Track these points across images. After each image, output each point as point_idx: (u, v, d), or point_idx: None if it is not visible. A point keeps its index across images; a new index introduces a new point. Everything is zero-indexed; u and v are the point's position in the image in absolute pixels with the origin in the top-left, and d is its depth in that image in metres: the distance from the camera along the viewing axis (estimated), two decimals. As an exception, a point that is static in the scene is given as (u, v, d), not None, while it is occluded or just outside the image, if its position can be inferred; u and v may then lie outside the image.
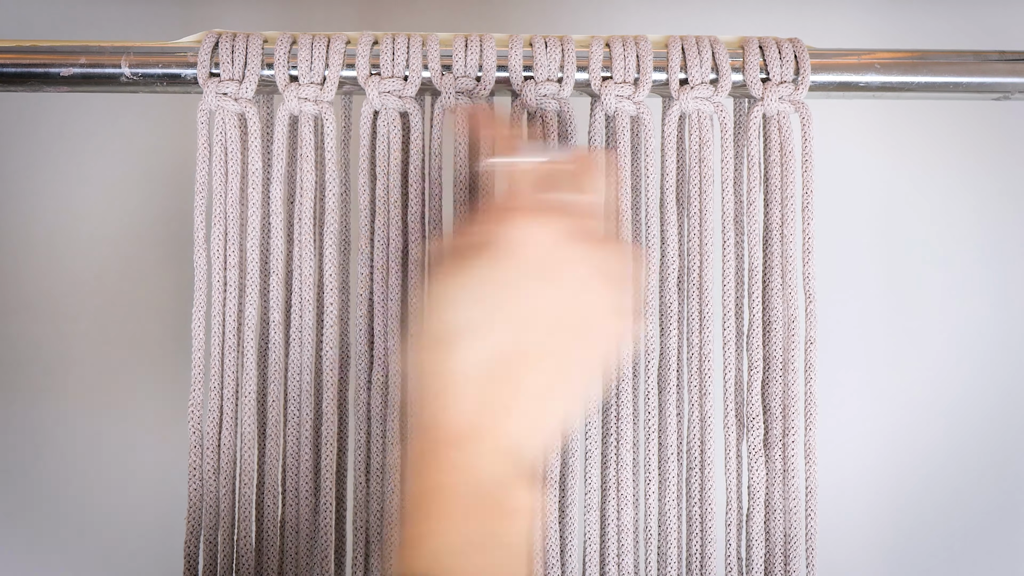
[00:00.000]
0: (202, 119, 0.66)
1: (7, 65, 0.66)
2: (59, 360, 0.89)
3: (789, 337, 0.67)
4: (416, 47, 0.66)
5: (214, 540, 0.66)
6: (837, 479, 0.89)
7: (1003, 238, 0.91)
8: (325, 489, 0.66)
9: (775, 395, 0.67)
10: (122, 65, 0.66)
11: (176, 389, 0.87)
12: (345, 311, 0.69)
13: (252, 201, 0.66)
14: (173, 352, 0.88)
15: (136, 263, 0.89)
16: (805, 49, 0.67)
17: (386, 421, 0.66)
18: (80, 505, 0.89)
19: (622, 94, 0.66)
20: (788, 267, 0.67)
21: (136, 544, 0.89)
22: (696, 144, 0.67)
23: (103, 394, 0.89)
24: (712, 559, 0.68)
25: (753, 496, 0.67)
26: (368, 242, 0.66)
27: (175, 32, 0.83)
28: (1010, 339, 0.91)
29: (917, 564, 0.91)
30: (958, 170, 0.91)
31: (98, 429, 0.89)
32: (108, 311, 0.89)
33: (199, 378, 0.65)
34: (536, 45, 0.66)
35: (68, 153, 0.89)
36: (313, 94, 0.65)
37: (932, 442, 0.91)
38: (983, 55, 0.68)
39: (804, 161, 0.68)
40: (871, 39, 0.89)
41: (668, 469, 0.67)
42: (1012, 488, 0.91)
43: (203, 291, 0.66)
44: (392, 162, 0.66)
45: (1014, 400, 0.91)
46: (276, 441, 0.66)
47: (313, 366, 0.66)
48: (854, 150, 0.91)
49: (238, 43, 0.66)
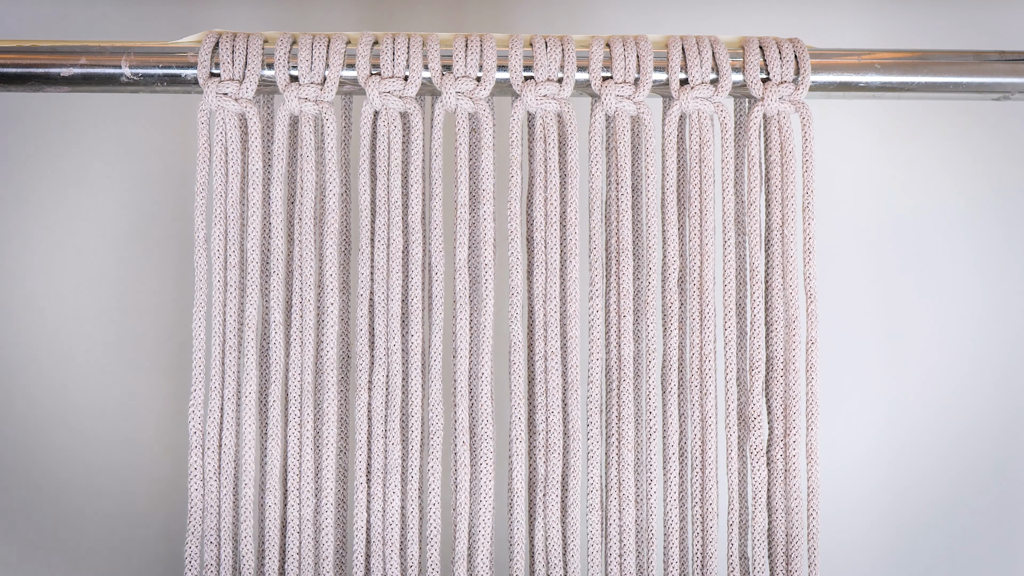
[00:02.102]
0: (202, 119, 0.66)
1: (7, 65, 0.66)
2: (59, 360, 0.89)
3: (790, 337, 0.67)
4: (416, 47, 0.66)
5: (215, 540, 0.66)
6: (838, 479, 0.89)
7: (1003, 238, 0.91)
8: (326, 489, 0.66)
9: (776, 395, 0.67)
10: (122, 65, 0.66)
11: (176, 389, 0.87)
12: (345, 311, 0.69)
13: (252, 201, 0.66)
14: (173, 352, 0.88)
15: (136, 263, 0.89)
16: (805, 49, 0.67)
17: (386, 421, 0.66)
18: (80, 505, 0.89)
19: (622, 94, 0.66)
20: (789, 267, 0.67)
21: (136, 544, 0.89)
22: (696, 144, 0.67)
23: (103, 394, 0.89)
24: (713, 559, 0.68)
25: (755, 496, 0.67)
26: (368, 242, 0.66)
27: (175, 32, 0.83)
28: (1010, 339, 0.91)
29: (917, 564, 0.91)
30: (958, 170, 0.91)
31: (98, 429, 0.89)
32: (108, 311, 0.89)
33: (199, 378, 0.65)
34: (536, 45, 0.66)
35: (68, 153, 0.89)
36: (313, 94, 0.65)
37: (932, 442, 0.91)
38: (983, 55, 0.68)
39: (804, 161, 0.68)
40: (871, 39, 0.89)
41: (670, 469, 0.67)
42: (1012, 488, 0.91)
43: (203, 291, 0.66)
44: (392, 162, 0.66)
45: (1014, 400, 0.91)
46: (276, 441, 0.66)
47: (313, 366, 0.66)
48: (854, 150, 0.91)
49: (238, 43, 0.66)
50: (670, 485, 0.67)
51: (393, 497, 0.66)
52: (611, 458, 0.67)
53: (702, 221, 0.67)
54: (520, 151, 0.66)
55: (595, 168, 0.67)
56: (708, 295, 0.67)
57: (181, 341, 0.85)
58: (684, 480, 0.68)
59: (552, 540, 0.66)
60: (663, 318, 0.68)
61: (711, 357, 0.67)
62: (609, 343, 0.67)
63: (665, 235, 0.67)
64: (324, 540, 0.66)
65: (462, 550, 0.66)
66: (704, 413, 0.67)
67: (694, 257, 0.67)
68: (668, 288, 0.67)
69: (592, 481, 0.67)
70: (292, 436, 0.66)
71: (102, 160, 0.89)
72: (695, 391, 0.67)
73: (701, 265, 0.67)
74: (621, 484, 0.67)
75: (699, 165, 0.67)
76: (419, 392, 0.66)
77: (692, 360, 0.68)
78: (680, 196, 0.69)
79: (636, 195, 0.69)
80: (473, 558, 0.66)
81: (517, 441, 0.66)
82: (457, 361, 0.66)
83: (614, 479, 0.67)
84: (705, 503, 0.67)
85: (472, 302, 0.67)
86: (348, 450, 0.68)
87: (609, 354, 0.68)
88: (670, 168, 0.67)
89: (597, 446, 0.67)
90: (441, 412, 0.66)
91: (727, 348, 0.67)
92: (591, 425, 0.67)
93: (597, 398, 0.67)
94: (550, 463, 0.66)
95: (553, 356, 0.66)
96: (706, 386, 0.67)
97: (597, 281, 0.67)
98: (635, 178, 0.69)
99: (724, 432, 0.67)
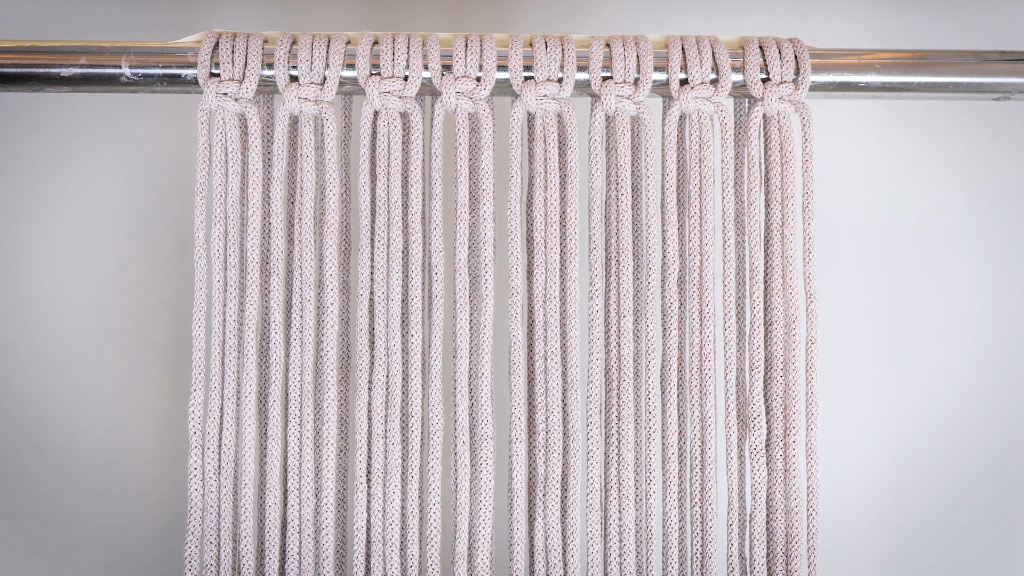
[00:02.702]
0: (202, 119, 0.66)
1: (7, 65, 0.66)
2: (59, 360, 0.89)
3: (790, 337, 0.67)
4: (416, 47, 0.66)
5: (215, 540, 0.66)
6: (838, 479, 0.89)
7: (1003, 238, 0.91)
8: (326, 489, 0.66)
9: (776, 395, 0.67)
10: (122, 65, 0.66)
11: (176, 389, 0.87)
12: (345, 311, 0.69)
13: (252, 201, 0.66)
14: (173, 352, 0.88)
15: (136, 263, 0.89)
16: (805, 49, 0.67)
17: (387, 421, 0.66)
18: (80, 505, 0.89)
19: (622, 94, 0.66)
20: (789, 267, 0.67)
21: (137, 544, 0.89)
22: (696, 144, 0.67)
23: (103, 394, 0.89)
24: (713, 558, 0.68)
25: (755, 496, 0.67)
26: (368, 242, 0.66)
27: (175, 32, 0.83)
28: (1010, 339, 0.91)
29: (917, 564, 0.91)
30: (958, 170, 0.91)
31: (99, 429, 0.89)
32: (108, 311, 0.89)
33: (199, 378, 0.65)
34: (536, 45, 0.66)
35: (68, 153, 0.89)
36: (313, 94, 0.65)
37: (932, 442, 0.91)
38: (983, 55, 0.68)
39: (804, 161, 0.68)
40: (871, 39, 0.89)
41: (669, 469, 0.67)
42: (1012, 488, 0.91)
43: (203, 291, 0.66)
44: (392, 162, 0.66)
45: (1014, 400, 0.91)
46: (276, 441, 0.66)
47: (313, 366, 0.66)
48: (854, 150, 0.91)
49: (238, 43, 0.66)
50: (669, 485, 0.67)
51: (393, 497, 0.66)
52: (611, 458, 0.67)
53: (702, 221, 0.67)
54: (520, 151, 0.66)
55: (595, 168, 0.67)
56: (708, 295, 0.67)
57: (180, 341, 0.85)
58: (683, 480, 0.68)
59: (552, 540, 0.66)
60: (663, 318, 0.68)
61: (711, 357, 0.67)
62: (609, 343, 0.68)
63: (665, 235, 0.67)
64: (324, 540, 0.66)
65: (462, 550, 0.66)
66: (704, 413, 0.67)
67: (694, 257, 0.67)
68: (668, 288, 0.68)
69: (592, 481, 0.67)
70: (292, 436, 0.66)
71: (102, 160, 0.89)
72: (695, 391, 0.67)
73: (701, 265, 0.67)
74: (621, 484, 0.67)
75: (699, 165, 0.67)
76: (419, 392, 0.66)
77: (692, 360, 0.68)
78: (680, 196, 0.69)
79: (636, 195, 0.69)
80: (473, 558, 0.66)
81: (517, 441, 0.66)
82: (457, 361, 0.66)
83: (614, 479, 0.67)
84: (704, 503, 0.67)
85: (472, 302, 0.67)
86: (348, 450, 0.69)
87: (609, 354, 0.68)
88: (670, 168, 0.67)
89: (597, 446, 0.67)
90: (441, 412, 0.66)
91: (727, 348, 0.67)
92: (591, 425, 0.67)
93: (597, 398, 0.67)
94: (550, 463, 0.66)
95: (553, 356, 0.66)
96: (706, 386, 0.67)
97: (597, 281, 0.67)
98: (635, 178, 0.69)
99: (724, 432, 0.68)
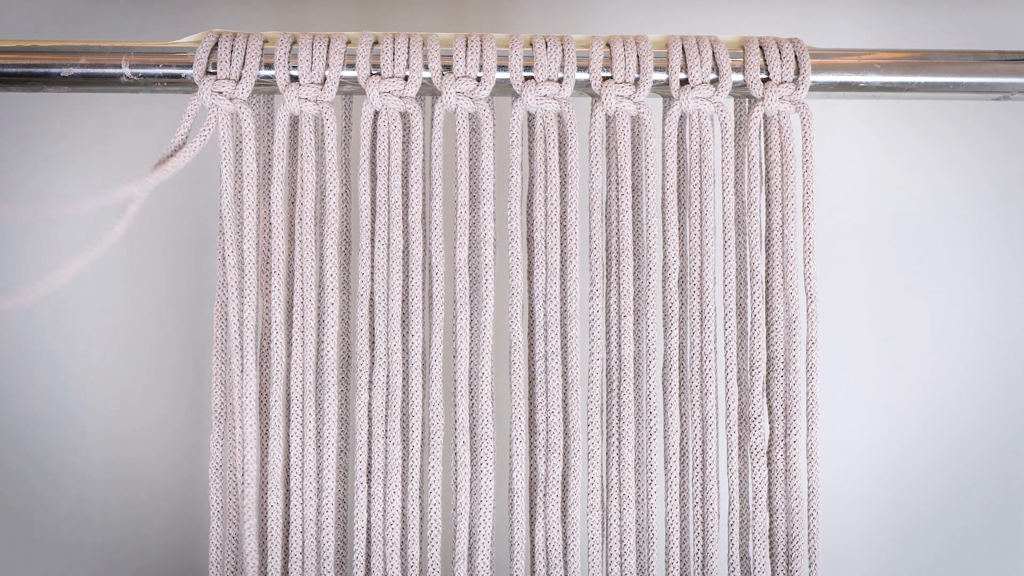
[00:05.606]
0: (189, 112, 0.65)
1: (7, 65, 0.66)
2: (60, 360, 0.89)
3: (790, 337, 0.67)
4: (416, 47, 0.66)
5: (219, 541, 0.66)
6: (838, 478, 0.89)
7: (1003, 238, 0.91)
8: (326, 490, 0.66)
9: (777, 395, 0.67)
10: (122, 65, 0.66)
11: (176, 389, 0.87)
12: (346, 311, 0.69)
13: (247, 202, 0.66)
14: (173, 352, 0.88)
15: (136, 263, 0.89)
16: (805, 49, 0.67)
17: (387, 421, 0.66)
18: (82, 505, 0.89)
19: (622, 94, 0.66)
20: (789, 267, 0.67)
21: (138, 544, 0.89)
22: (696, 144, 0.67)
23: (103, 394, 0.89)
24: (714, 558, 0.68)
25: (756, 496, 0.67)
26: (368, 242, 0.66)
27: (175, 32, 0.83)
28: (1010, 339, 0.91)
29: (917, 563, 0.91)
30: (958, 170, 0.91)
31: (99, 429, 0.89)
32: (109, 310, 0.89)
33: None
34: (536, 45, 0.66)
35: (68, 153, 0.89)
36: (313, 94, 0.65)
37: (932, 442, 0.91)
38: (983, 55, 0.68)
39: (805, 161, 0.68)
40: (871, 39, 0.89)
41: (670, 469, 0.67)
42: (1011, 488, 0.91)
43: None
44: (392, 162, 0.66)
45: (1013, 400, 0.91)
46: (278, 441, 0.66)
47: (315, 366, 0.66)
48: (854, 150, 0.91)
49: (237, 43, 0.66)
50: (671, 485, 0.67)
51: (393, 497, 0.66)
52: (611, 458, 0.67)
53: (702, 221, 0.67)
54: (520, 151, 0.66)
55: (595, 168, 0.67)
56: (708, 295, 0.67)
57: (180, 340, 0.85)
58: (685, 480, 0.68)
59: (552, 540, 0.66)
60: (663, 318, 0.68)
61: (711, 357, 0.67)
62: (609, 343, 0.68)
63: (665, 235, 0.67)
64: (325, 540, 0.66)
65: (462, 550, 0.66)
66: (705, 413, 0.67)
67: (694, 257, 0.67)
68: (668, 288, 0.68)
69: (592, 481, 0.67)
70: (295, 436, 0.66)
71: (102, 160, 0.89)
72: (695, 391, 0.67)
73: (701, 265, 0.67)
74: (622, 484, 0.67)
75: (699, 165, 0.67)
76: (419, 392, 0.66)
77: (692, 360, 0.68)
78: (680, 196, 0.69)
79: (636, 195, 0.69)
80: (473, 558, 0.66)
81: (517, 441, 0.66)
82: (457, 361, 0.66)
83: (614, 479, 0.67)
84: (706, 503, 0.67)
85: (472, 302, 0.67)
86: (348, 450, 0.68)
87: (609, 354, 0.68)
88: (670, 168, 0.68)
89: (597, 446, 0.67)
90: (441, 412, 0.66)
91: (727, 348, 0.67)
92: (591, 425, 0.67)
93: (597, 398, 0.67)
94: (550, 463, 0.66)
95: (553, 356, 0.66)
96: (706, 386, 0.67)
97: (597, 281, 0.67)
98: (635, 178, 0.69)
99: (724, 432, 0.68)
